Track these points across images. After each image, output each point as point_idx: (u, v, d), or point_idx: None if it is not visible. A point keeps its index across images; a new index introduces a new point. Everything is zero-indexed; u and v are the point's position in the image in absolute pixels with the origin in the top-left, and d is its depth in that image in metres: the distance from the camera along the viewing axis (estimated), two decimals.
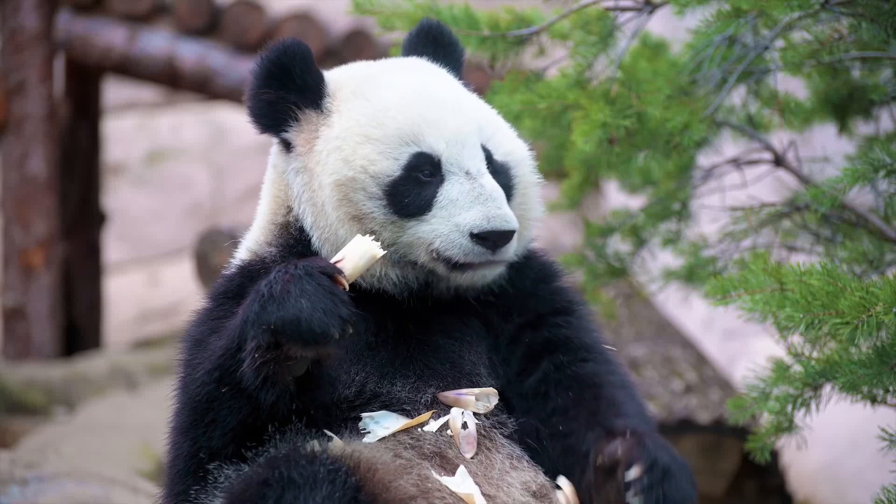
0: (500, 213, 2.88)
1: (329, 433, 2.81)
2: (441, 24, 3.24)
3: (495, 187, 2.93)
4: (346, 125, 2.97)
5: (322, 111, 3.01)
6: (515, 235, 2.92)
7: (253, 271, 3.01)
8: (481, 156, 2.97)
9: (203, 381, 2.79)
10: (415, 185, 2.93)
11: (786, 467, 6.11)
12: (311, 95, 3.02)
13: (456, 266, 2.92)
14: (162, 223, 14.40)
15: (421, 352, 2.93)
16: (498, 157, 3.02)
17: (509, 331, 3.02)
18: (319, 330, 2.63)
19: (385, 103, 2.98)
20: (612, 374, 2.98)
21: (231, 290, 2.99)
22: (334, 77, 3.08)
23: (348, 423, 2.85)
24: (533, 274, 3.08)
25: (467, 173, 2.94)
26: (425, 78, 3.07)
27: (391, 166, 2.93)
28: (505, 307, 3.03)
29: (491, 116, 3.09)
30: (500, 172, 3.00)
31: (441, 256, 2.92)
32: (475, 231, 2.87)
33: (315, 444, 2.74)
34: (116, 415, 6.56)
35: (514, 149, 3.07)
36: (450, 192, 2.92)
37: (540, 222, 3.10)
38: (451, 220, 2.90)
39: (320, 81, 3.03)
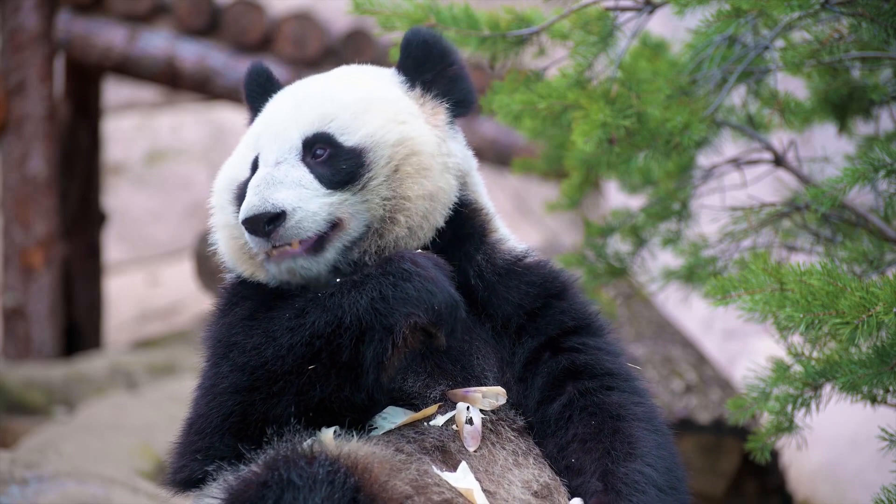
0: (251, 200, 2.85)
1: (327, 428, 2.81)
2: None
3: (266, 175, 2.88)
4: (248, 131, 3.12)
5: None
6: (290, 219, 2.84)
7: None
8: (289, 146, 2.94)
9: (281, 351, 2.77)
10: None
11: (786, 467, 6.11)
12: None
13: (266, 258, 2.91)
14: (162, 223, 14.40)
15: (431, 351, 2.91)
16: (350, 142, 2.95)
17: (525, 352, 2.98)
18: (460, 315, 2.79)
19: (267, 109, 3.09)
20: (638, 405, 2.95)
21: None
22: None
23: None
24: (539, 287, 3.03)
25: (263, 165, 2.95)
26: (312, 81, 3.11)
27: (246, 171, 3.02)
28: (508, 318, 3.00)
29: (353, 103, 2.99)
30: (345, 157, 2.93)
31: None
32: (242, 223, 2.89)
33: (314, 445, 2.74)
34: (116, 415, 6.54)
35: (377, 131, 2.95)
36: None
37: (427, 200, 2.95)
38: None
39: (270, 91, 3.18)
